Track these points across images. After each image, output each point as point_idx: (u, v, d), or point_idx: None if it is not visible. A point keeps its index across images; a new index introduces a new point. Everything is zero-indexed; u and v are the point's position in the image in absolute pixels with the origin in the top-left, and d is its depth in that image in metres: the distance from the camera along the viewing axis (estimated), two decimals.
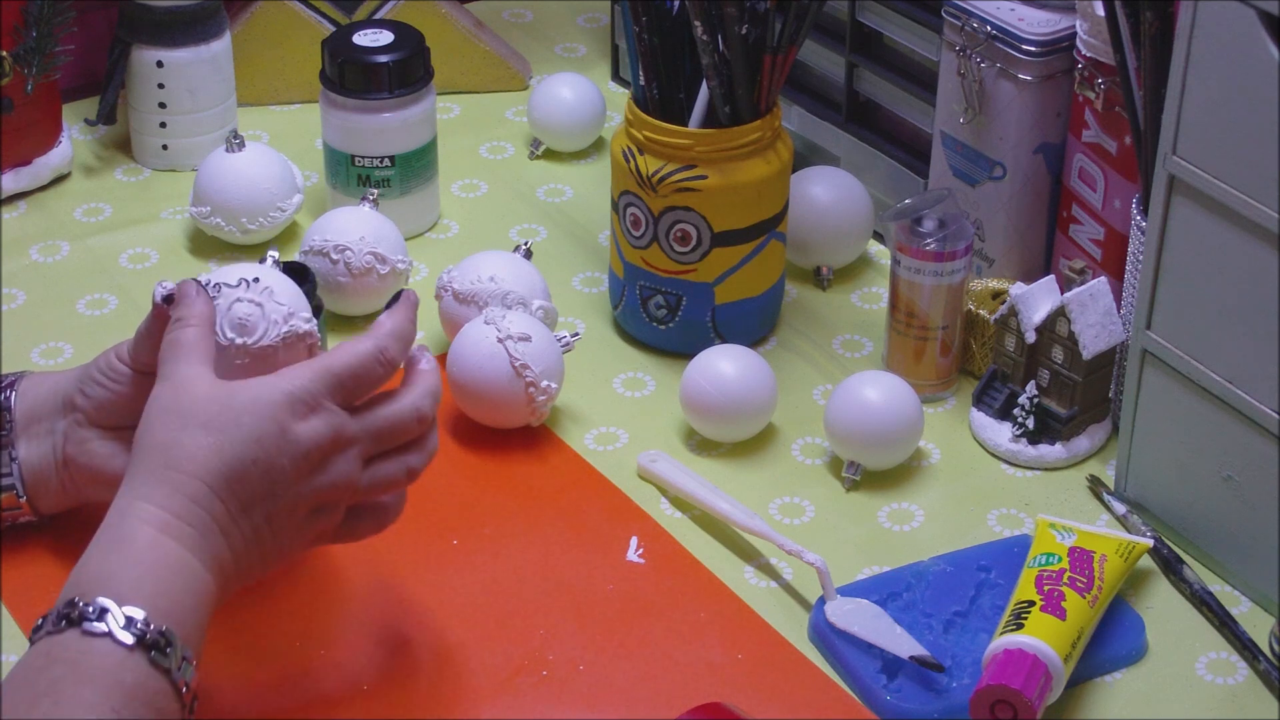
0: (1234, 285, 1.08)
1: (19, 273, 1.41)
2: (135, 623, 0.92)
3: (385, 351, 1.02)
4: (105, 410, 1.09)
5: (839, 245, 1.40)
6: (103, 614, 0.91)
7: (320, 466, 1.00)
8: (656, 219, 1.28)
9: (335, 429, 1.00)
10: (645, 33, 1.27)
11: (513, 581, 1.14)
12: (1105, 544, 1.12)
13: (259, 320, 1.04)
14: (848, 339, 1.35)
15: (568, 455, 1.24)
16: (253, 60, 1.59)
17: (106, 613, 0.92)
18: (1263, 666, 1.09)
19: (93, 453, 1.10)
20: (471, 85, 1.63)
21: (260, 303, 1.05)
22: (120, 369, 1.09)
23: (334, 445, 1.00)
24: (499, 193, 1.51)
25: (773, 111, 1.28)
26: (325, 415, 1.00)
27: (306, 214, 1.47)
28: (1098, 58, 1.23)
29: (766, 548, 1.17)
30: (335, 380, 1.00)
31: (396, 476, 1.03)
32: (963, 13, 1.28)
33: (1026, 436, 1.23)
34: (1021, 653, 1.03)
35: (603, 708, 1.06)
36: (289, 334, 1.05)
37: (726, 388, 1.22)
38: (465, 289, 1.29)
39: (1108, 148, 1.25)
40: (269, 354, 1.04)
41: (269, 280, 1.06)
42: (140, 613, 0.92)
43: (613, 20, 1.66)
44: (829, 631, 1.09)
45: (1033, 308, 1.22)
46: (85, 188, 1.51)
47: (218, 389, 0.99)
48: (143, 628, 0.92)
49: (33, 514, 1.13)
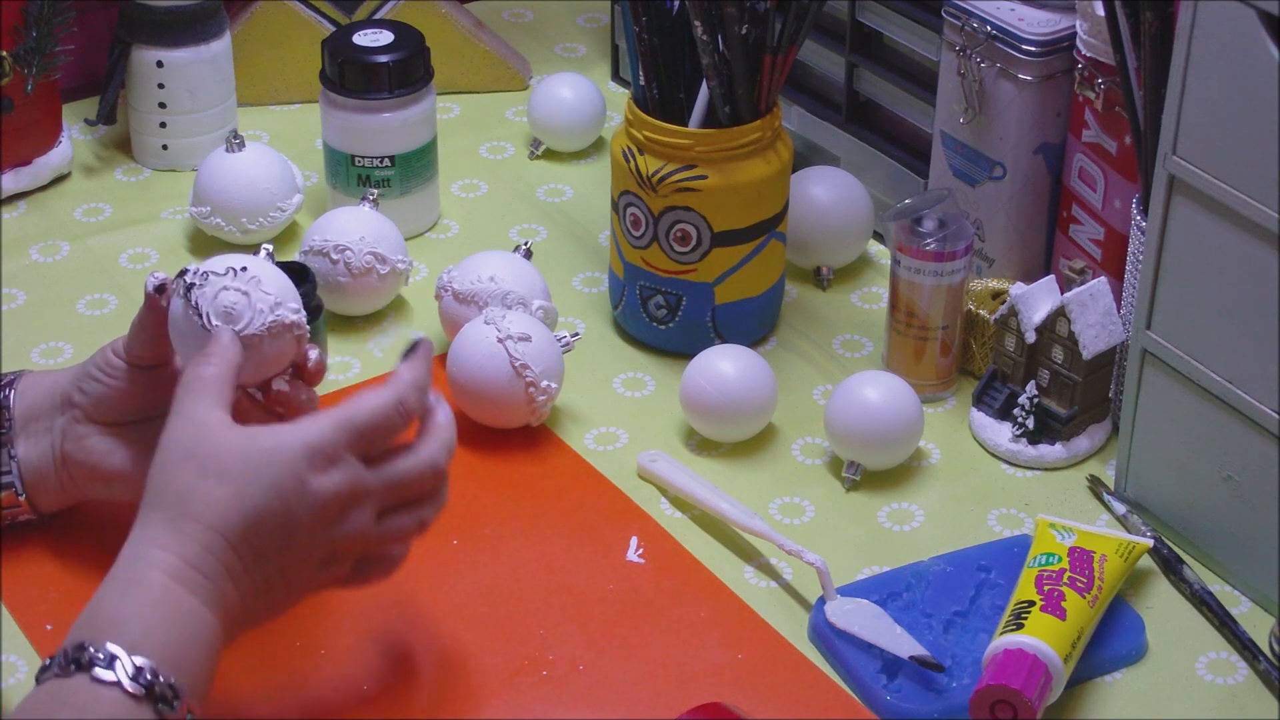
0: (1234, 285, 1.08)
1: (19, 273, 1.41)
2: (144, 673, 0.91)
3: (405, 403, 1.01)
4: (102, 406, 1.09)
5: (839, 245, 1.40)
6: (112, 661, 0.91)
7: (337, 519, 0.99)
8: (656, 219, 1.28)
9: (353, 482, 0.99)
10: (645, 33, 1.27)
11: (513, 581, 1.14)
12: (1105, 544, 1.12)
13: (245, 309, 1.04)
14: (848, 339, 1.36)
15: (568, 455, 1.24)
16: (253, 60, 1.59)
17: (116, 660, 0.91)
18: (1263, 666, 1.09)
19: (90, 449, 1.10)
20: (471, 85, 1.63)
21: (247, 291, 1.04)
22: (116, 364, 1.09)
23: (351, 498, 0.99)
24: (499, 193, 1.51)
25: (773, 111, 1.28)
26: (344, 468, 0.99)
27: (306, 214, 1.46)
28: (1098, 58, 1.23)
29: (766, 548, 1.17)
30: (356, 432, 0.99)
31: (409, 529, 1.03)
32: (963, 13, 1.28)
33: (1026, 436, 1.23)
34: (1021, 653, 1.03)
35: (603, 708, 1.06)
36: (275, 323, 1.05)
37: (726, 388, 1.22)
38: (465, 289, 1.29)
39: (1108, 148, 1.25)
40: (254, 343, 1.04)
41: (256, 270, 1.05)
42: (149, 662, 0.91)
43: (613, 20, 1.66)
44: (829, 631, 1.09)
45: (1033, 308, 1.22)
46: (85, 188, 1.51)
47: (237, 435, 0.98)
48: (151, 678, 0.91)
49: (32, 512, 1.13)
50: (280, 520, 0.97)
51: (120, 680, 0.90)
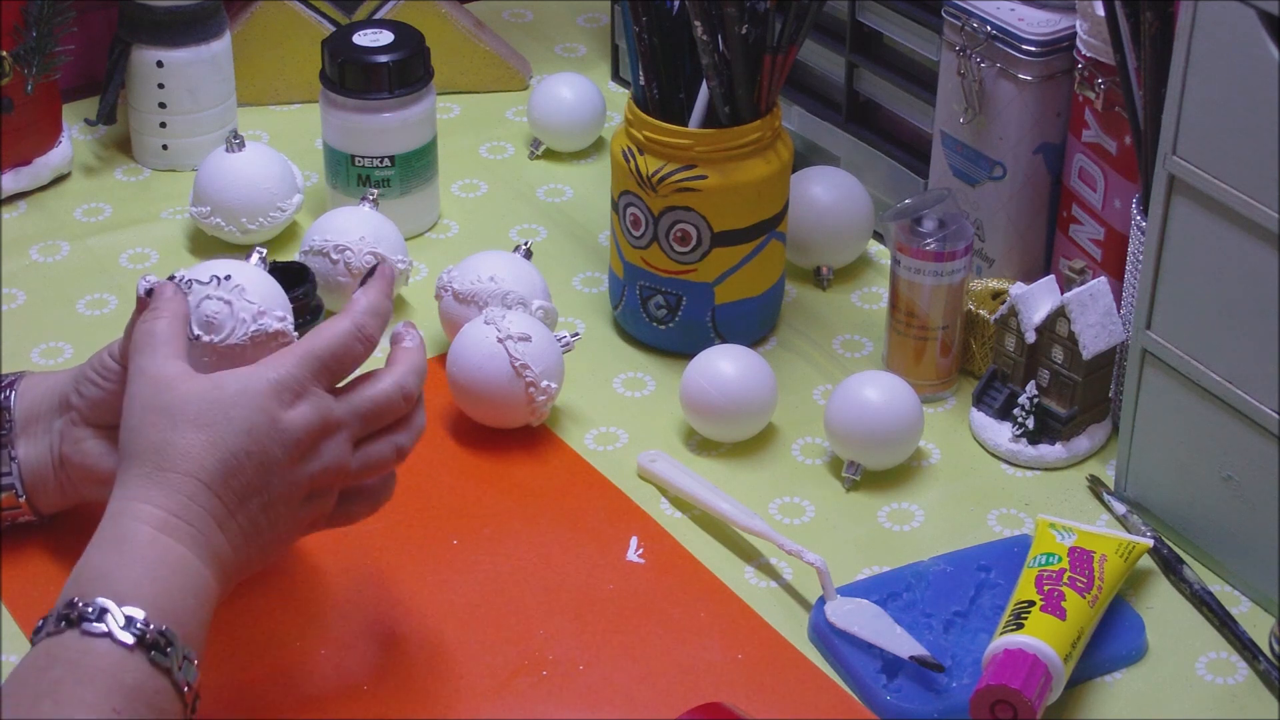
0: (1234, 285, 1.08)
1: (19, 273, 1.41)
2: (135, 622, 0.91)
3: (363, 329, 1.02)
4: (99, 409, 1.09)
5: (839, 245, 1.40)
6: (102, 614, 0.91)
7: (311, 452, 1.00)
8: (656, 219, 1.28)
9: (323, 413, 1.00)
10: (645, 33, 1.27)
11: (513, 581, 1.14)
12: (1105, 544, 1.12)
13: (226, 318, 1.04)
14: (848, 339, 1.35)
15: (568, 455, 1.24)
16: (253, 60, 1.59)
17: (106, 613, 0.91)
18: (1263, 666, 1.09)
19: (86, 452, 1.10)
20: (471, 85, 1.63)
21: (229, 300, 1.04)
22: (112, 367, 1.09)
23: (323, 430, 1.00)
24: (499, 193, 1.51)
25: (773, 111, 1.28)
26: (312, 400, 1.00)
27: (306, 214, 1.46)
28: (1098, 58, 1.23)
29: (766, 548, 1.17)
30: (318, 363, 1.00)
31: (386, 456, 1.03)
32: (963, 13, 1.28)
33: (1026, 436, 1.23)
34: (1021, 653, 1.03)
35: (603, 708, 1.06)
36: (258, 333, 1.05)
37: (726, 388, 1.22)
38: (465, 289, 1.29)
39: (1108, 148, 1.25)
40: (236, 353, 1.04)
41: (242, 278, 1.05)
42: (140, 612, 0.92)
43: (613, 20, 1.66)
44: (829, 631, 1.09)
45: (1033, 308, 1.22)
46: (85, 188, 1.51)
47: (201, 383, 0.99)
48: (142, 627, 0.91)
49: (32, 514, 1.13)
50: (257, 460, 0.98)
51: (111, 631, 0.91)
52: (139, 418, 0.99)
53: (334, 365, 1.01)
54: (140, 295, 1.06)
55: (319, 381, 1.00)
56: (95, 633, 0.91)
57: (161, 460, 0.97)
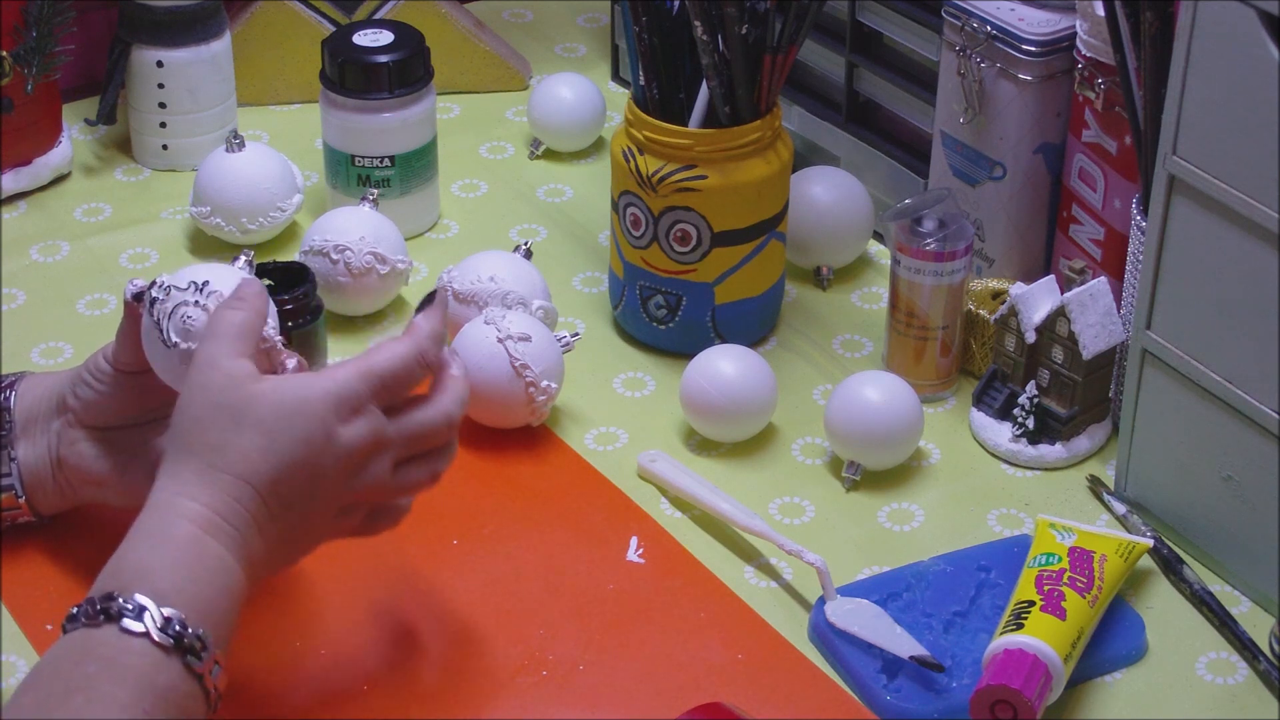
0: (1234, 285, 1.08)
1: (19, 273, 1.41)
2: (173, 624, 0.91)
3: (424, 354, 1.02)
4: (93, 411, 1.09)
5: (839, 245, 1.40)
6: (141, 613, 0.91)
7: (359, 469, 1.00)
8: (656, 219, 1.28)
9: (376, 432, 1.00)
10: (645, 33, 1.27)
11: (513, 581, 1.14)
12: (1105, 544, 1.12)
13: (203, 326, 1.03)
14: (848, 339, 1.36)
15: (568, 455, 1.24)
16: (253, 60, 1.59)
17: (145, 611, 0.91)
18: (1263, 666, 1.09)
19: (81, 454, 1.10)
20: (471, 85, 1.63)
21: (206, 308, 1.04)
22: (106, 370, 1.09)
23: (374, 448, 1.00)
24: (499, 193, 1.51)
25: (773, 111, 1.28)
26: (368, 418, 0.99)
27: (306, 214, 1.46)
28: (1098, 58, 1.23)
29: (766, 548, 1.17)
30: (379, 382, 1.00)
31: (422, 480, 1.03)
32: (963, 13, 1.28)
33: (1026, 436, 1.23)
34: (1021, 653, 1.03)
35: (603, 708, 1.06)
36: None
37: (726, 388, 1.22)
38: (465, 289, 1.29)
39: (1108, 148, 1.25)
40: None
41: (221, 284, 1.05)
42: (178, 614, 0.92)
43: (613, 20, 1.66)
44: (829, 631, 1.09)
45: (1033, 308, 1.22)
46: (85, 188, 1.51)
47: (266, 386, 0.98)
48: (179, 630, 0.91)
49: (32, 514, 1.13)
50: (309, 471, 0.97)
51: (149, 631, 0.91)
52: (201, 409, 0.98)
53: (393, 385, 1.01)
54: (128, 299, 1.05)
55: (377, 399, 1.00)
56: (133, 631, 0.91)
57: (216, 459, 0.97)
